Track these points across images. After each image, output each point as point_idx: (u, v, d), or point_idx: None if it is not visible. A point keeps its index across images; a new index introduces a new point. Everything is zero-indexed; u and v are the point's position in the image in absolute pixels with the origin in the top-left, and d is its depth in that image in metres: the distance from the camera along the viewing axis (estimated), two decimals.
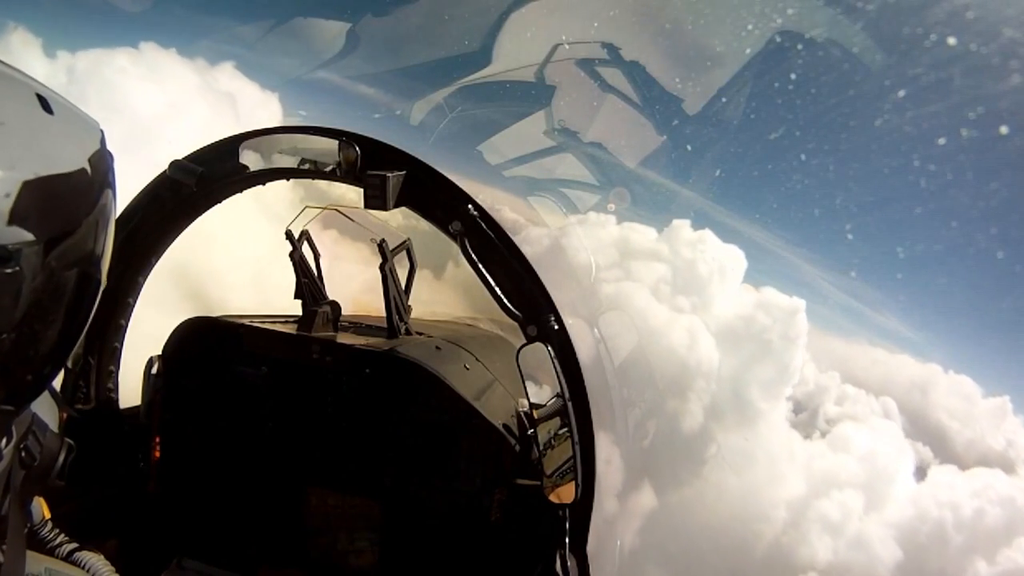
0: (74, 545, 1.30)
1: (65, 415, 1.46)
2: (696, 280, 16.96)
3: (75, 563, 1.26)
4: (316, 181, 2.23)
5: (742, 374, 15.93)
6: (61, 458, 1.21)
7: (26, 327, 0.91)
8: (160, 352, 2.41)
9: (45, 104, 0.93)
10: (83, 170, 0.96)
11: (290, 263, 2.48)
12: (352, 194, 2.04)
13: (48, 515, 1.32)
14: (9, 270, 0.84)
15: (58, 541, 1.29)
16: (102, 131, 1.07)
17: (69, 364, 2.20)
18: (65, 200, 0.93)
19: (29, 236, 0.85)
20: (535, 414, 1.96)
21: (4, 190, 0.81)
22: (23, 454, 1.10)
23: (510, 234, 1.93)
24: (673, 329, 14.82)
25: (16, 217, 0.83)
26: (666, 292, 16.24)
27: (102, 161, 1.02)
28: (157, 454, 2.41)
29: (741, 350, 16.41)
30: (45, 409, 1.27)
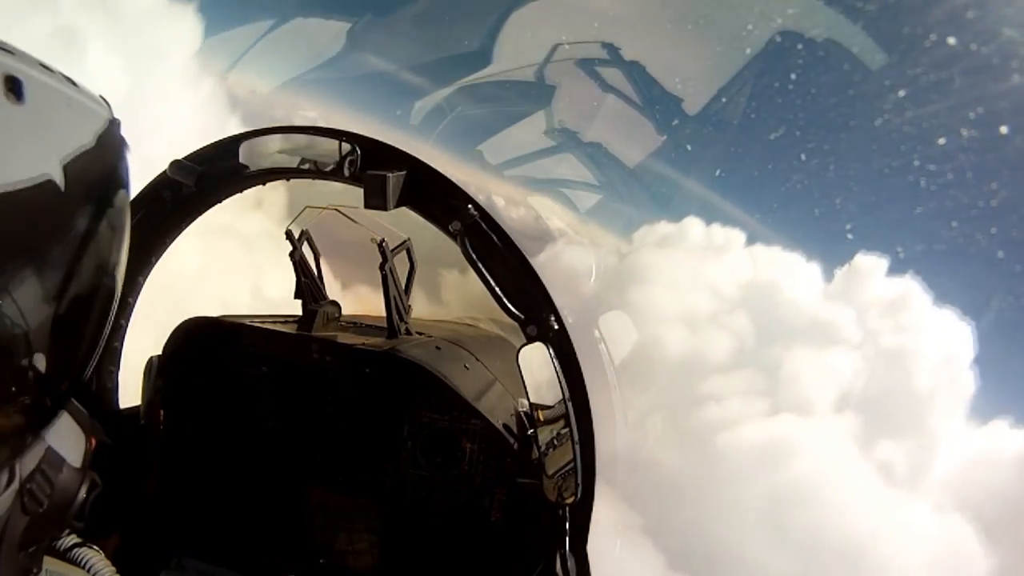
0: (74, 539, 1.24)
1: (94, 442, 1.22)
2: (907, 398, 7.91)
3: (75, 561, 1.24)
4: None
5: None
6: (81, 495, 1.04)
7: (39, 358, 0.78)
8: (160, 352, 2.41)
9: (16, 88, 0.69)
10: (48, 182, 0.70)
11: None
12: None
13: None
14: None
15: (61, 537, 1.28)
16: (111, 120, 0.85)
17: None
18: (12, 223, 0.68)
19: None
20: (537, 414, 1.96)
21: None
22: (26, 498, 0.94)
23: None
24: None
25: None
26: (856, 427, 7.65)
27: (94, 163, 0.81)
28: (157, 454, 2.41)
29: None
30: (70, 440, 1.10)
